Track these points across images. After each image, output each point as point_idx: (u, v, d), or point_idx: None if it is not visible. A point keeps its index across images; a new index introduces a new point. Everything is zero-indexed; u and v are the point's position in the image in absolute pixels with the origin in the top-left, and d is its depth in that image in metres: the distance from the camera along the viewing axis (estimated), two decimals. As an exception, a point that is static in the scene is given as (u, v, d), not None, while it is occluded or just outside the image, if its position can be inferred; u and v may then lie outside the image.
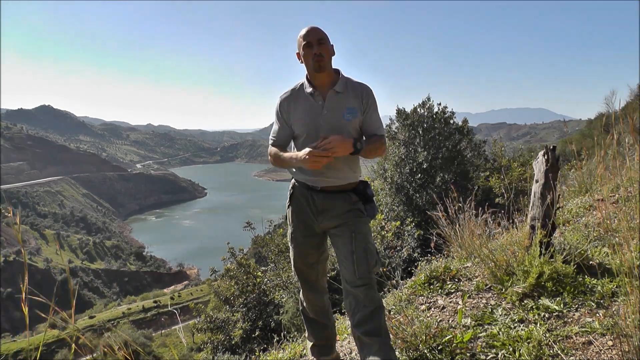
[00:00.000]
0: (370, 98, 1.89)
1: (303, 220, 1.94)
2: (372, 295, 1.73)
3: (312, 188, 1.90)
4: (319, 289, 2.07)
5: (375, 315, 1.70)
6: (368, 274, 1.74)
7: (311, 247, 1.97)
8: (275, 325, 5.57)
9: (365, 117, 1.88)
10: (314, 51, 1.79)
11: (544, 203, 2.45)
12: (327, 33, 1.84)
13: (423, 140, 9.53)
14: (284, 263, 6.33)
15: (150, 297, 52.35)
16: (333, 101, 1.85)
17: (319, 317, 2.09)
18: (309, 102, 1.87)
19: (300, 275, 2.04)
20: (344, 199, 1.89)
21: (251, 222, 7.24)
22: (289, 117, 1.90)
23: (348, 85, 1.88)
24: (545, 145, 2.62)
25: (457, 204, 2.88)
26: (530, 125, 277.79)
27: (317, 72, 1.82)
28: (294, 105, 1.89)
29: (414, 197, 9.19)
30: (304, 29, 1.83)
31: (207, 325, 6.40)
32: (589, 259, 2.48)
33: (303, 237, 1.96)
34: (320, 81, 1.86)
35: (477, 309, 2.28)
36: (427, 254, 3.69)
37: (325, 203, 1.89)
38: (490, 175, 9.13)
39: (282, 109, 1.91)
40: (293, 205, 1.96)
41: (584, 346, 1.77)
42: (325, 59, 1.81)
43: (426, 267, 2.95)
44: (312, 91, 1.86)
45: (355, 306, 1.74)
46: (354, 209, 1.88)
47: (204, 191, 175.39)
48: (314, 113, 1.85)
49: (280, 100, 1.92)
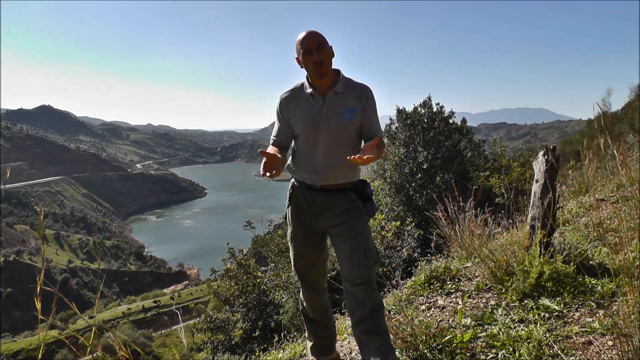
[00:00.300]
0: (369, 99, 1.88)
1: (303, 219, 1.94)
2: (371, 294, 1.73)
3: (312, 187, 1.90)
4: (319, 289, 2.07)
5: (374, 314, 1.71)
6: (368, 273, 1.74)
7: (311, 247, 1.97)
8: (275, 325, 5.57)
9: (363, 118, 1.88)
10: (314, 58, 1.77)
11: (544, 203, 2.45)
12: (325, 35, 1.82)
13: (423, 140, 9.53)
14: (284, 263, 6.33)
15: (150, 297, 52.32)
16: (333, 101, 1.86)
17: (319, 317, 2.09)
18: (309, 102, 1.87)
19: (300, 275, 2.04)
20: (344, 197, 1.89)
21: (251, 222, 7.24)
22: (288, 116, 1.90)
23: (348, 86, 1.88)
24: (545, 146, 2.62)
25: (458, 204, 2.88)
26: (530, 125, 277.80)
27: (321, 78, 1.82)
28: (294, 105, 1.90)
29: (414, 197, 9.19)
30: (301, 34, 1.82)
31: (207, 325, 6.40)
32: (589, 259, 2.48)
33: (303, 236, 1.96)
34: (321, 83, 1.87)
35: (477, 309, 2.28)
36: (427, 254, 3.69)
37: (325, 202, 1.89)
38: (490, 175, 9.13)
39: (282, 108, 1.92)
40: (292, 204, 1.97)
41: (584, 346, 1.77)
42: (325, 64, 1.80)
43: (426, 267, 2.95)
44: (312, 92, 1.87)
45: (355, 305, 1.74)
46: (353, 207, 1.88)
47: (204, 191, 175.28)
48: (314, 113, 1.86)
49: (281, 100, 1.92)
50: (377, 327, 1.69)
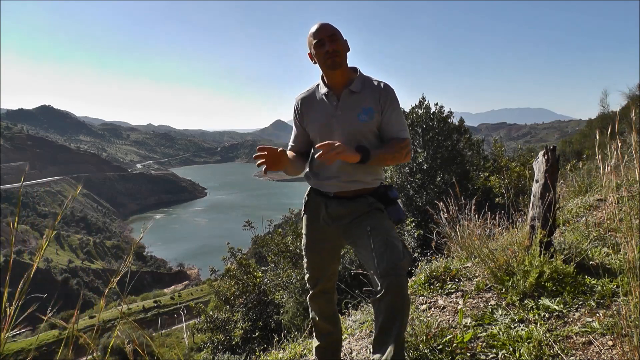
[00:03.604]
0: (389, 97, 1.72)
1: (317, 228, 1.86)
2: (394, 301, 1.46)
3: (326, 195, 1.80)
4: (331, 297, 2.01)
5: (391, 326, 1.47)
6: (393, 270, 1.49)
7: (325, 257, 1.90)
8: (275, 325, 5.57)
9: (383, 118, 1.72)
10: (327, 48, 1.66)
11: (544, 203, 2.45)
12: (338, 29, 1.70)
13: (423, 140, 9.54)
14: (284, 263, 6.33)
15: (151, 297, 52.30)
16: (348, 101, 1.73)
17: (327, 323, 2.04)
18: (323, 103, 1.76)
19: (313, 283, 1.96)
20: (360, 202, 1.74)
21: (250, 222, 7.24)
22: (303, 119, 1.81)
23: (365, 84, 1.74)
24: (545, 146, 2.62)
25: (458, 204, 2.88)
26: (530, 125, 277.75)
27: (333, 69, 1.68)
28: (308, 107, 1.80)
29: (414, 197, 9.20)
30: (313, 27, 1.70)
31: (208, 325, 6.40)
32: (589, 259, 2.48)
33: (317, 246, 1.88)
34: (336, 80, 1.74)
35: (477, 309, 2.28)
36: (427, 254, 3.69)
37: (340, 210, 1.76)
38: (490, 175, 9.14)
39: (297, 111, 1.82)
40: (307, 213, 1.88)
41: (584, 346, 1.77)
42: (340, 54, 1.67)
43: (426, 267, 2.95)
44: (326, 91, 1.75)
45: (376, 312, 1.52)
46: (371, 209, 1.72)
47: (204, 191, 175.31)
48: (328, 114, 1.74)
49: (296, 102, 1.82)
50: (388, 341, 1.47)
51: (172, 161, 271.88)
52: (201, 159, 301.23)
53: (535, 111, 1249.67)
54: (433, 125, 9.62)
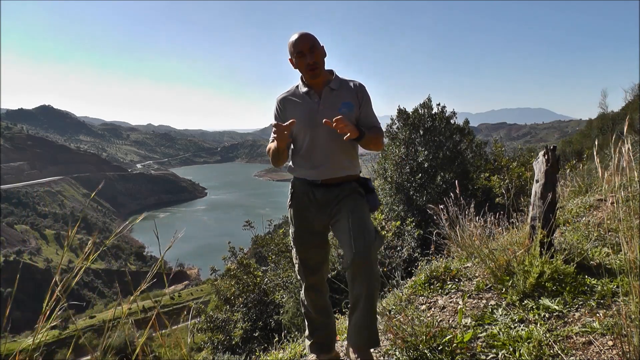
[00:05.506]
0: (364, 93, 1.95)
1: (305, 217, 1.96)
2: (369, 274, 1.71)
3: (313, 183, 1.93)
4: (321, 289, 2.08)
5: (368, 299, 1.72)
6: (366, 249, 1.72)
7: (313, 246, 1.99)
8: (275, 325, 5.57)
9: (361, 112, 1.94)
10: (308, 60, 1.84)
11: (544, 203, 2.45)
12: (325, 36, 1.87)
13: (424, 140, 9.53)
14: (284, 263, 6.32)
15: (151, 297, 52.32)
16: (329, 97, 1.91)
17: (320, 315, 2.10)
18: (305, 101, 1.93)
19: (302, 274, 2.04)
20: (344, 187, 1.93)
21: (250, 221, 7.24)
22: (285, 117, 1.93)
23: (342, 84, 1.96)
24: (545, 146, 2.62)
25: (458, 204, 2.88)
26: (530, 125, 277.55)
27: (314, 79, 1.89)
28: (290, 105, 1.94)
29: (414, 196, 9.19)
30: (293, 37, 1.86)
31: (208, 325, 6.40)
32: (589, 259, 2.48)
33: (305, 235, 1.98)
34: (316, 80, 1.93)
35: (477, 309, 2.28)
36: (427, 254, 3.69)
37: (327, 195, 1.91)
38: (490, 175, 9.13)
39: (279, 110, 1.96)
40: (294, 203, 1.98)
41: (584, 346, 1.77)
42: (319, 65, 1.86)
43: (426, 267, 2.96)
44: (307, 90, 1.93)
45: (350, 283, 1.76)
46: (353, 192, 1.92)
47: (204, 191, 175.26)
48: (311, 110, 1.90)
49: (277, 102, 1.98)
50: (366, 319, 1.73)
51: (172, 161, 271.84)
52: (201, 159, 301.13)
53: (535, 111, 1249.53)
54: (435, 125, 9.60)
